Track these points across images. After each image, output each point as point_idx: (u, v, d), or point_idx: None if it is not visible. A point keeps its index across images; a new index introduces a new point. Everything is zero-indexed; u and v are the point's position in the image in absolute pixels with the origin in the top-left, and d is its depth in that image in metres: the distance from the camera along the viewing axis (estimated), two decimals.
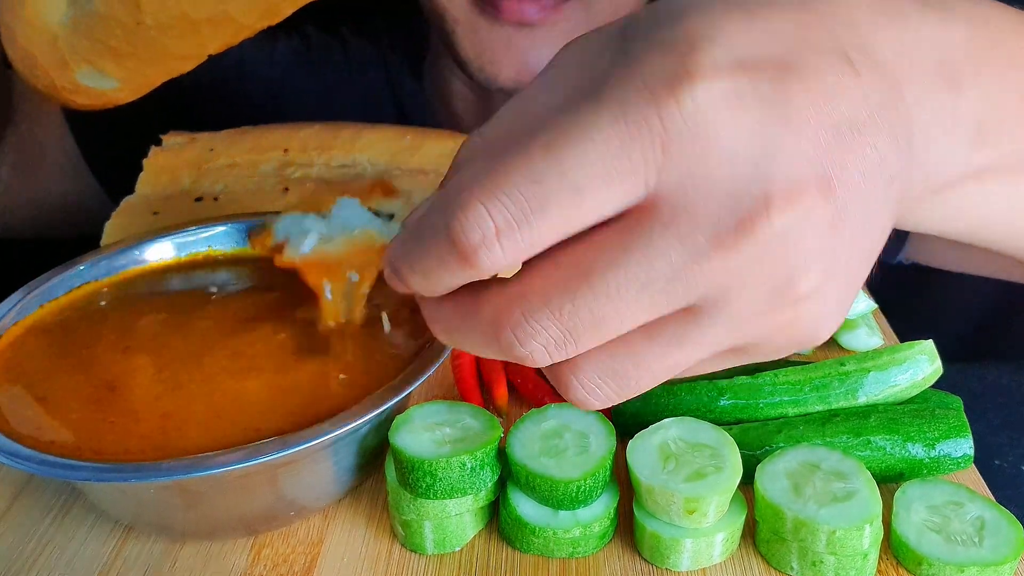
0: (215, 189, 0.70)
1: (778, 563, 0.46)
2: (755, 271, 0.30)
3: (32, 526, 0.51)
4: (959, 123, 0.36)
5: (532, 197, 0.29)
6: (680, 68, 0.28)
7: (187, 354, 0.53)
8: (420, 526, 0.47)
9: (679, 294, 0.31)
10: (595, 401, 0.35)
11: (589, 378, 0.34)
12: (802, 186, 0.30)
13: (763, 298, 0.31)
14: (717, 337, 0.32)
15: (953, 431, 0.49)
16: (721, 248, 0.30)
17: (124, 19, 0.58)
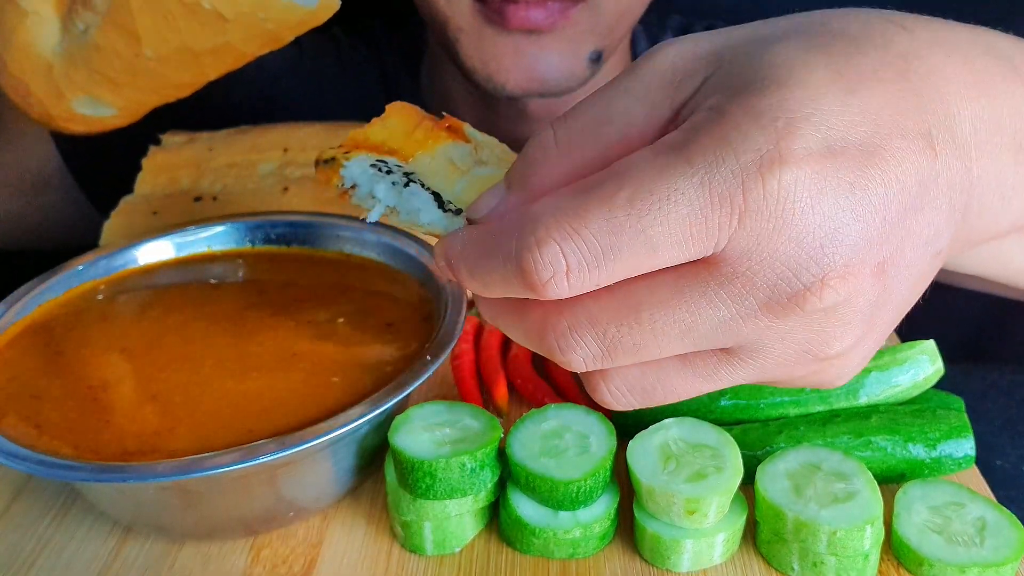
0: (214, 189, 0.70)
1: (779, 564, 0.46)
2: (795, 335, 0.33)
3: (31, 527, 0.51)
4: (1018, 189, 0.38)
5: (608, 248, 0.31)
6: (773, 151, 0.30)
7: (185, 354, 0.53)
8: (420, 527, 0.47)
9: (718, 341, 0.33)
10: (617, 405, 0.37)
11: (618, 387, 0.36)
12: (858, 269, 0.32)
13: (794, 355, 0.34)
14: (744, 377, 0.35)
15: (954, 431, 0.49)
16: (770, 314, 0.32)
17: (123, 51, 0.58)
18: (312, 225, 0.63)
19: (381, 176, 0.41)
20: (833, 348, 0.34)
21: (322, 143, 0.71)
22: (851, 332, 0.34)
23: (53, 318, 0.56)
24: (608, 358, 0.34)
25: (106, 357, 0.53)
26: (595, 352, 0.34)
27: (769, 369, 0.35)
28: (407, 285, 0.59)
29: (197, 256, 0.63)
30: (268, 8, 0.56)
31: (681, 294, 0.32)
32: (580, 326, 0.33)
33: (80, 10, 0.58)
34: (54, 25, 0.60)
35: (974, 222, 0.37)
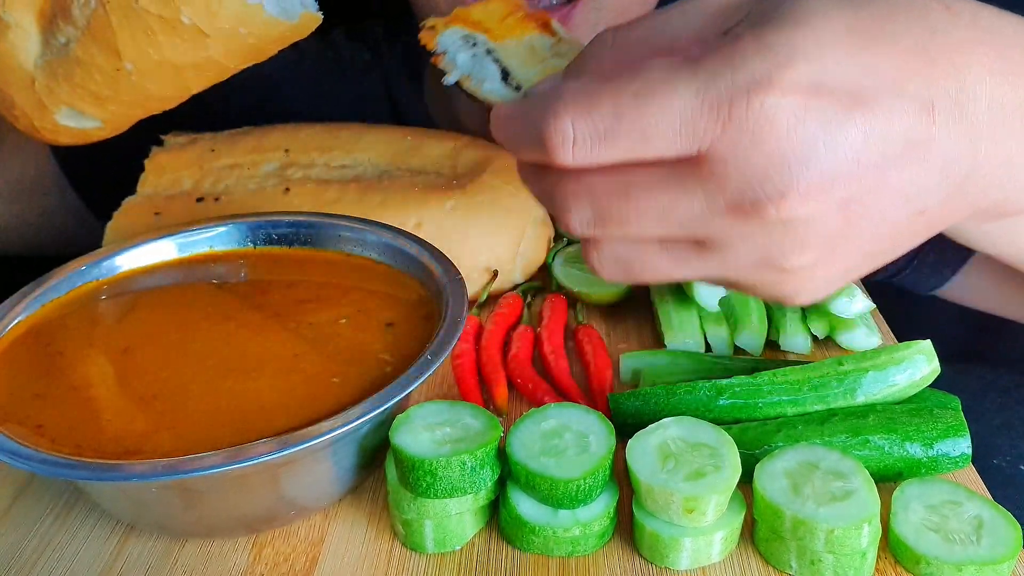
0: (216, 189, 0.70)
1: (777, 562, 0.46)
2: (754, 241, 0.38)
3: (33, 525, 0.51)
4: None
5: (609, 129, 0.36)
6: (766, 77, 0.34)
7: (187, 354, 0.53)
8: (420, 525, 0.47)
9: (690, 231, 0.38)
10: (603, 272, 0.43)
11: (606, 256, 0.42)
12: (820, 196, 0.36)
13: (754, 260, 0.39)
14: (710, 270, 0.40)
15: (951, 431, 0.50)
16: (732, 214, 0.37)
17: (104, 65, 0.58)
18: (313, 226, 0.63)
19: (467, 48, 0.49)
20: (789, 261, 0.38)
21: (323, 144, 0.71)
22: (808, 252, 0.38)
23: (56, 318, 0.56)
24: (599, 225, 0.40)
25: (108, 357, 0.53)
26: (588, 217, 0.40)
27: (732, 268, 0.40)
28: (407, 285, 0.59)
29: (199, 256, 0.63)
30: (249, 23, 0.56)
31: (665, 182, 0.37)
32: (581, 192, 0.39)
33: (61, 24, 0.58)
34: (35, 38, 0.60)
35: (977, 198, 0.39)
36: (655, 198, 0.38)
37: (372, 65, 0.98)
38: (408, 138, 0.71)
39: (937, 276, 0.84)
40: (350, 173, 0.70)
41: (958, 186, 0.39)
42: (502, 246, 0.68)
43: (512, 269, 0.69)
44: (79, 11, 0.57)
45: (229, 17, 0.55)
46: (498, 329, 0.65)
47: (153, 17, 0.55)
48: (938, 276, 0.84)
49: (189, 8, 0.55)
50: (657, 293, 0.67)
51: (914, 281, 0.87)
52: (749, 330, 0.62)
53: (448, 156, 0.70)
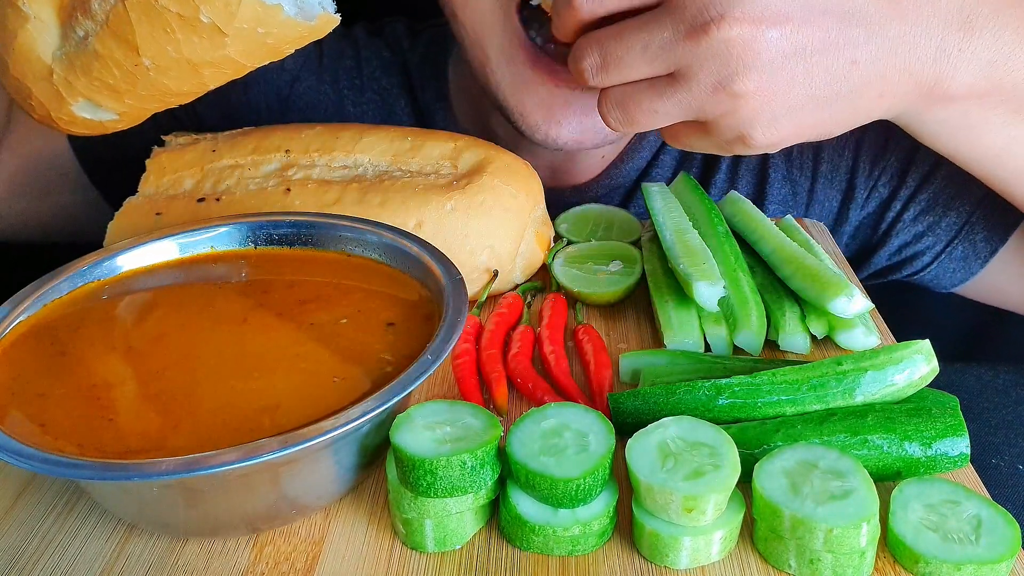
0: (217, 189, 0.70)
1: (776, 561, 0.46)
2: (707, 61, 0.49)
3: (35, 524, 0.51)
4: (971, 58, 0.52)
5: None
6: None
7: (188, 354, 0.53)
8: (421, 524, 0.47)
9: (663, 60, 0.51)
10: (610, 120, 0.57)
11: (610, 102, 0.56)
12: (758, 20, 0.48)
13: (711, 82, 0.50)
14: (683, 99, 0.52)
15: (950, 430, 0.50)
16: (689, 36, 0.49)
17: (121, 60, 0.58)
18: (314, 226, 0.63)
19: None
20: (736, 84, 0.50)
21: (324, 144, 0.71)
22: (751, 75, 0.49)
23: (57, 318, 0.57)
24: (603, 68, 0.54)
25: (110, 356, 0.53)
26: (596, 62, 0.54)
27: (697, 96, 0.51)
28: (408, 285, 0.59)
29: (200, 256, 0.63)
30: (267, 24, 0.57)
31: (645, 21, 0.51)
32: (590, 41, 0.54)
33: (80, 18, 0.59)
34: (54, 30, 0.60)
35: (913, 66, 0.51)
36: (638, 36, 0.51)
37: (393, 62, 0.97)
38: (408, 138, 0.71)
39: (964, 271, 0.84)
40: (351, 173, 0.70)
41: (889, 49, 0.50)
42: (502, 246, 0.68)
43: (512, 269, 0.69)
44: (98, 6, 0.57)
45: (247, 17, 0.56)
46: (498, 329, 0.65)
47: (172, 15, 0.56)
48: (965, 271, 0.84)
49: (208, 7, 0.55)
50: (657, 293, 0.67)
51: (937, 277, 0.86)
52: (748, 330, 0.62)
53: (448, 156, 0.70)
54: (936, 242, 0.84)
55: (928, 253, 0.85)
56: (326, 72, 0.97)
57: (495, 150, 0.71)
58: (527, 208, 0.69)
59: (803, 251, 0.66)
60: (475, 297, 0.69)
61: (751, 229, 0.72)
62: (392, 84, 0.97)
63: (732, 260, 0.66)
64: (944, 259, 0.84)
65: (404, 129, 0.73)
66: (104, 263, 0.61)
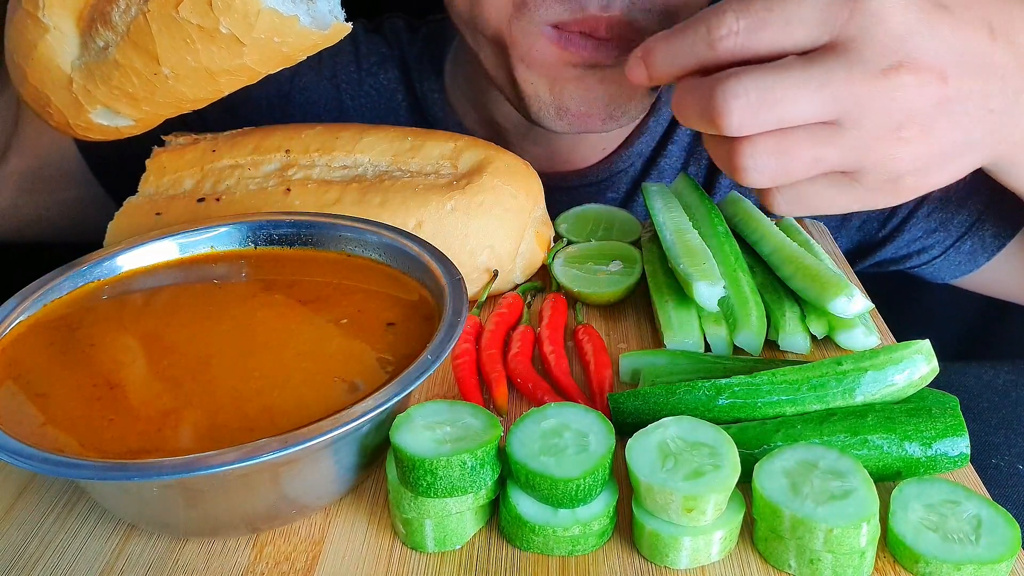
0: (217, 189, 0.70)
1: (776, 561, 0.46)
2: (879, 105, 0.48)
3: (35, 525, 0.51)
4: None
5: (761, 17, 0.48)
6: None
7: (188, 354, 0.53)
8: (421, 524, 0.47)
9: (831, 103, 0.48)
10: (757, 173, 0.51)
11: (760, 152, 0.50)
12: (926, 68, 0.48)
13: (879, 126, 0.49)
14: (844, 145, 0.50)
15: (950, 430, 0.50)
16: (865, 80, 0.48)
17: (141, 70, 0.60)
18: (314, 226, 0.63)
19: None
20: (904, 131, 0.49)
21: (324, 144, 0.71)
22: (917, 120, 0.49)
23: (58, 317, 0.57)
24: (758, 109, 0.49)
25: (110, 356, 0.53)
26: (751, 101, 0.49)
27: (861, 140, 0.49)
28: (408, 285, 0.59)
29: (200, 256, 0.63)
30: (284, 33, 0.58)
31: (810, 63, 0.48)
32: (744, 77, 0.49)
33: (100, 28, 0.60)
34: (74, 40, 0.61)
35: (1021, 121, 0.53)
36: (803, 75, 0.48)
37: (391, 57, 0.99)
38: (408, 138, 0.71)
39: (968, 265, 0.85)
40: (351, 173, 0.70)
41: (1014, 100, 0.51)
42: (502, 246, 0.68)
43: (512, 269, 0.70)
44: (119, 18, 0.59)
45: (265, 28, 0.57)
46: (498, 329, 0.65)
47: (193, 27, 0.57)
48: (969, 265, 0.85)
49: (227, 19, 0.57)
50: (657, 293, 0.67)
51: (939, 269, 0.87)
52: (748, 330, 0.62)
53: (448, 156, 0.70)
54: (947, 237, 0.85)
55: (937, 247, 0.86)
56: (325, 68, 0.98)
57: (495, 150, 0.71)
58: (527, 208, 0.69)
59: (803, 251, 0.66)
60: (475, 297, 0.69)
61: (751, 229, 0.72)
62: (390, 79, 0.98)
63: (732, 260, 0.66)
64: (952, 253, 0.86)
65: (404, 129, 0.73)
66: (104, 263, 0.61)
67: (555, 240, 0.76)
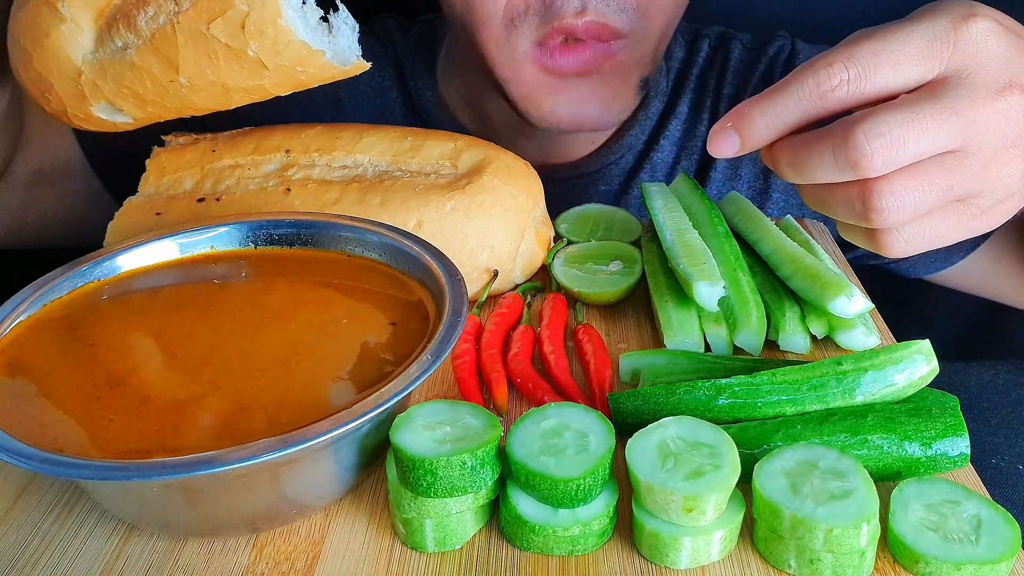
0: (217, 189, 0.70)
1: (776, 561, 0.46)
2: (996, 126, 0.50)
3: (35, 524, 0.51)
4: None
5: (871, 63, 0.50)
6: (968, 10, 0.51)
7: (188, 354, 0.53)
8: (421, 524, 0.47)
9: (958, 132, 0.50)
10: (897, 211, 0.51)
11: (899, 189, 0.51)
12: None
13: (997, 147, 0.51)
14: (969, 170, 0.51)
15: (950, 430, 0.50)
16: (986, 103, 0.50)
17: (158, 76, 0.61)
18: (314, 226, 0.63)
19: None
20: (1016, 148, 0.51)
21: (324, 144, 0.71)
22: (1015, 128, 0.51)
23: (58, 317, 0.57)
24: (897, 147, 0.49)
25: (110, 356, 0.53)
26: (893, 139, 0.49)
27: (982, 164, 0.51)
28: (408, 285, 0.59)
29: (200, 256, 0.63)
30: (307, 64, 0.60)
31: (934, 95, 0.50)
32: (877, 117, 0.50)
33: (121, 29, 0.60)
34: (90, 35, 0.62)
35: None
36: (920, 111, 0.49)
37: (384, 55, 1.00)
38: (408, 138, 0.71)
39: (943, 262, 0.87)
40: (351, 173, 0.70)
41: None
42: (502, 246, 0.68)
43: (512, 269, 0.70)
44: (145, 23, 0.59)
45: (291, 57, 0.59)
46: (498, 329, 0.65)
47: (220, 44, 0.59)
48: (944, 262, 0.87)
49: (257, 43, 0.58)
50: (657, 293, 0.67)
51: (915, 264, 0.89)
52: (748, 330, 0.62)
53: (448, 156, 0.70)
54: None
55: None
56: None
57: (495, 150, 0.71)
58: (527, 208, 0.69)
59: (803, 251, 0.66)
60: (475, 297, 0.69)
61: (751, 229, 0.72)
62: (384, 76, 1.00)
63: (732, 260, 0.66)
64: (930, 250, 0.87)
65: (404, 129, 0.73)
66: (104, 263, 0.61)
67: (555, 240, 0.76)
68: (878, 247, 0.55)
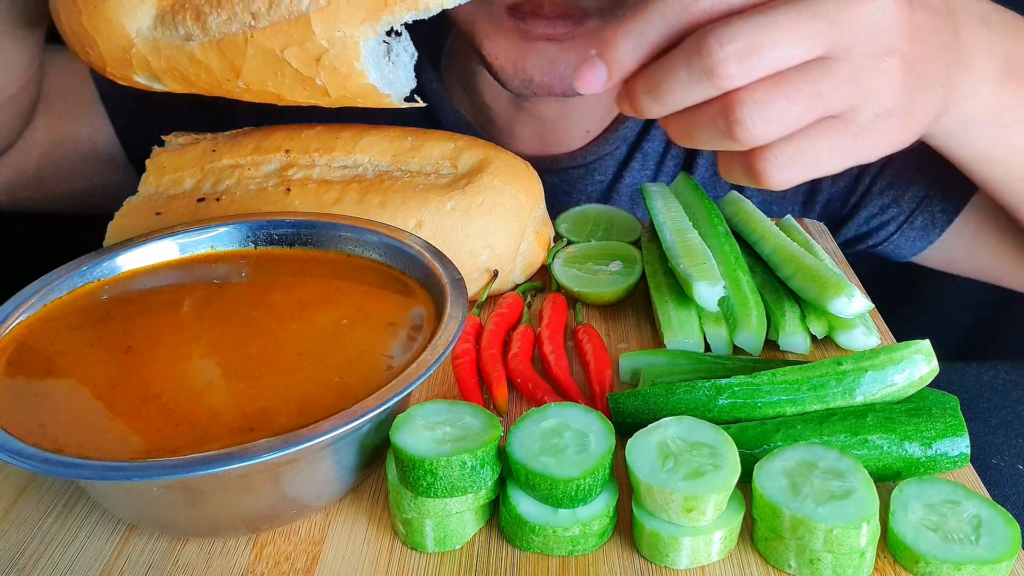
0: (217, 189, 0.70)
1: (776, 561, 0.46)
2: (864, 31, 0.48)
3: (35, 524, 0.51)
4: (993, 52, 0.57)
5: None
6: None
7: (188, 354, 0.53)
8: (421, 524, 0.47)
9: (820, 37, 0.47)
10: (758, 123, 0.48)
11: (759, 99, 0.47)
12: None
13: (866, 54, 0.48)
14: (838, 79, 0.48)
15: (950, 430, 0.50)
16: (850, 5, 0.47)
17: (217, 73, 0.61)
18: (314, 226, 0.63)
19: None
20: (888, 60, 0.49)
21: (324, 144, 0.71)
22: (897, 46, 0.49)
23: (58, 318, 0.57)
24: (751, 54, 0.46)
25: (110, 356, 0.53)
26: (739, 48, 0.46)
27: (851, 74, 0.48)
28: (408, 285, 0.59)
29: (200, 256, 0.63)
30: (368, 97, 0.61)
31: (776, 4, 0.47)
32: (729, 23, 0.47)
33: (188, 20, 0.60)
34: (149, 12, 0.61)
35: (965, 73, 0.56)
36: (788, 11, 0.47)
37: None
38: (408, 138, 0.71)
39: (923, 240, 0.88)
40: (351, 173, 0.70)
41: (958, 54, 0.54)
42: (502, 246, 0.68)
43: (512, 269, 0.70)
44: (215, 24, 0.59)
45: (356, 89, 0.60)
46: (498, 329, 0.65)
47: (290, 68, 0.59)
48: (923, 240, 0.88)
49: (327, 75, 0.59)
50: (657, 293, 0.67)
51: (899, 247, 0.90)
52: (748, 330, 0.62)
53: (448, 156, 0.70)
54: (900, 213, 0.89)
55: (892, 223, 0.90)
56: None
57: (495, 150, 0.71)
58: (527, 208, 0.69)
59: (803, 251, 0.66)
60: (475, 297, 0.69)
61: (751, 229, 0.72)
62: None
63: (732, 260, 0.66)
64: (906, 228, 0.89)
65: (404, 129, 0.73)
66: (104, 263, 0.61)
67: (555, 240, 0.76)
68: (757, 177, 0.52)
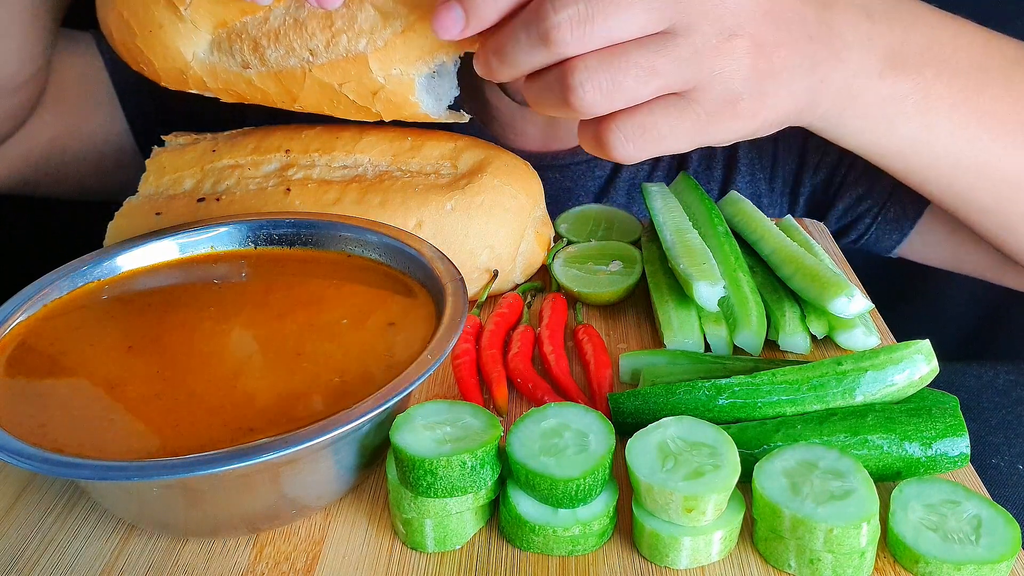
0: (217, 189, 0.70)
1: (776, 561, 0.46)
2: (710, 8, 0.47)
3: (35, 525, 0.51)
4: (873, 45, 0.56)
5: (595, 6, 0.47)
6: None
7: (188, 354, 0.53)
8: (421, 524, 0.47)
9: (660, 9, 0.47)
10: (590, 90, 0.49)
11: (592, 66, 0.48)
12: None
13: (711, 33, 0.48)
14: (678, 55, 0.48)
15: (950, 430, 0.50)
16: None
17: (273, 97, 0.63)
18: (314, 226, 0.63)
19: None
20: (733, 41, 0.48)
21: (324, 144, 0.71)
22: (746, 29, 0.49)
23: (58, 317, 0.57)
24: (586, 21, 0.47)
25: (110, 356, 0.53)
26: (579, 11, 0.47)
27: (693, 53, 0.48)
28: (408, 285, 0.59)
29: (200, 256, 0.63)
30: (419, 118, 0.63)
31: None
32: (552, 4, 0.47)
33: (246, 50, 0.61)
34: (206, 38, 0.63)
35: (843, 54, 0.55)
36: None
37: None
38: (408, 138, 0.71)
39: (898, 232, 0.89)
40: (351, 173, 0.70)
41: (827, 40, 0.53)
42: (502, 246, 0.68)
43: (512, 269, 0.70)
44: (274, 58, 0.61)
45: (410, 116, 0.62)
46: (498, 329, 0.65)
47: (348, 100, 0.61)
48: (899, 232, 0.89)
49: (382, 106, 0.61)
50: (657, 293, 0.67)
51: (879, 239, 0.91)
52: (748, 330, 0.62)
53: (448, 156, 0.70)
54: (873, 204, 0.90)
55: (868, 215, 0.90)
56: None
57: (495, 150, 0.71)
58: (527, 208, 0.69)
59: (803, 251, 0.66)
60: (475, 297, 0.69)
61: (751, 229, 0.72)
62: None
63: (732, 260, 0.66)
64: (881, 220, 0.90)
65: (404, 129, 0.73)
66: (104, 263, 0.61)
67: (555, 240, 0.76)
68: (604, 148, 0.52)
